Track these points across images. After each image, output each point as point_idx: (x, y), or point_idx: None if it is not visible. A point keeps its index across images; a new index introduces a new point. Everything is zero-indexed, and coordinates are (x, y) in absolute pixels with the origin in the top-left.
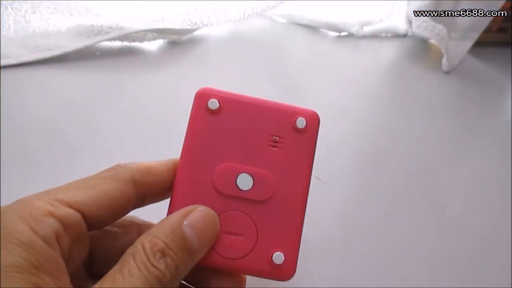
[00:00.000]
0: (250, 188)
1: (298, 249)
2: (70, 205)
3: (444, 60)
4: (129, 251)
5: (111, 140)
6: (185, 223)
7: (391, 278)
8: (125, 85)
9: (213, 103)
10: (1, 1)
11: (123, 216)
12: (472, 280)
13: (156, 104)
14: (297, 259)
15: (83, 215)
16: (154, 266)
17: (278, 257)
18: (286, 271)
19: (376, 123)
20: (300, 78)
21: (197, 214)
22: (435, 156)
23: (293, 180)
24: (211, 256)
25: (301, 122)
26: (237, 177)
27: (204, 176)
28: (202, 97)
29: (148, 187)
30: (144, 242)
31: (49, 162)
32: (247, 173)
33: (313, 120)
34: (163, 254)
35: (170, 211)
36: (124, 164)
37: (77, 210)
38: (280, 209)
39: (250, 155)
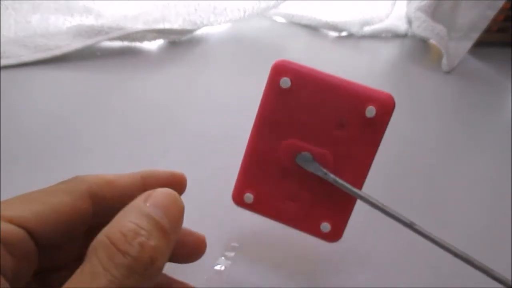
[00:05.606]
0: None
1: (346, 222)
2: (10, 221)
3: (444, 60)
4: (91, 245)
5: (111, 140)
6: (147, 204)
7: (391, 278)
8: (125, 85)
9: (285, 82)
10: (2, 1)
11: (80, 231)
12: (472, 280)
13: (156, 104)
14: (343, 229)
15: (29, 231)
16: (124, 253)
17: (325, 227)
18: (332, 237)
19: None
20: None
21: (158, 195)
22: (435, 156)
23: (352, 164)
24: (269, 208)
25: (370, 111)
26: (297, 154)
27: (271, 149)
28: (276, 73)
29: (108, 201)
30: (108, 232)
31: (48, 162)
32: (307, 151)
33: (385, 110)
34: (136, 234)
35: (240, 175)
36: (83, 175)
37: (19, 226)
38: (335, 188)
39: (314, 134)
